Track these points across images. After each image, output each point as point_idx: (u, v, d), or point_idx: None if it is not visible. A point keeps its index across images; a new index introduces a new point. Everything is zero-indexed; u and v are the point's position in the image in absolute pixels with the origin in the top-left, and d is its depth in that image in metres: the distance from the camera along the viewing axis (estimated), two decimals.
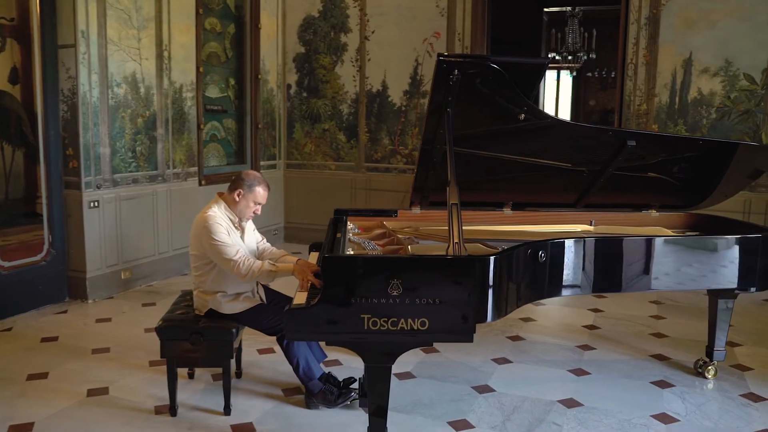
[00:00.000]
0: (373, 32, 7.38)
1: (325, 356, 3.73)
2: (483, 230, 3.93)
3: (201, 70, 6.33)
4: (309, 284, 3.09)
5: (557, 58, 9.15)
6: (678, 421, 3.43)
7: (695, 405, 3.62)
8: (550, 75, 14.01)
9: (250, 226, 3.57)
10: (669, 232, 4.03)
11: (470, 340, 2.76)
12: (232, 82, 7.08)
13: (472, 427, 3.32)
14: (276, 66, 7.63)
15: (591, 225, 4.11)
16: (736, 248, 3.49)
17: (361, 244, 3.43)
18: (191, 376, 3.84)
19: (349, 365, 4.06)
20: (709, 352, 4.01)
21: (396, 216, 4.13)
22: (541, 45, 10.87)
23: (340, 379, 3.59)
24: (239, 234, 3.43)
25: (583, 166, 3.85)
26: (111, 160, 5.40)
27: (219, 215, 3.33)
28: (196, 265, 3.41)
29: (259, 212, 3.47)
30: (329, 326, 2.70)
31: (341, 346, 2.81)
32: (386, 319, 2.69)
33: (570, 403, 3.61)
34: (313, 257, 3.94)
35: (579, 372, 4.06)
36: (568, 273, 3.15)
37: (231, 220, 3.40)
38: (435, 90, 2.97)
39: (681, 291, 5.22)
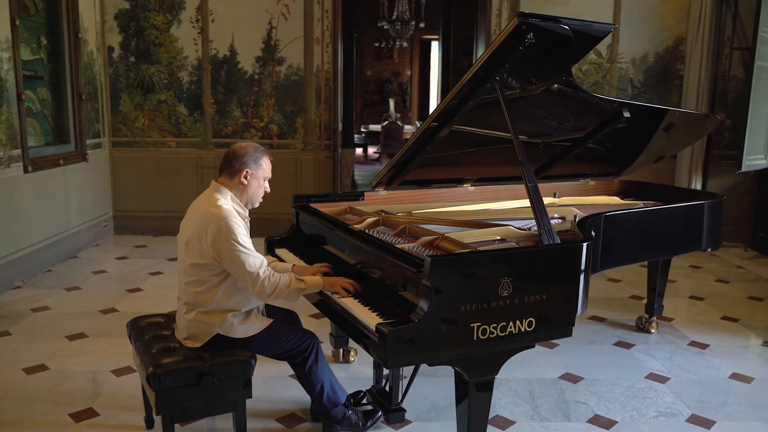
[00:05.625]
0: None
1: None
2: (456, 211, 3.66)
3: (17, 22, 4.88)
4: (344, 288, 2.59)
5: (386, 27, 9.02)
6: (669, 378, 3.60)
7: (667, 360, 3.85)
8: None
9: None
10: (618, 199, 4.19)
11: (570, 334, 2.52)
12: (44, 41, 5.61)
13: (513, 422, 3.09)
14: (95, 24, 6.25)
15: (555, 197, 4.08)
16: (703, 213, 3.73)
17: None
18: (150, 424, 2.95)
19: None
20: (650, 309, 4.29)
21: (363, 199, 3.64)
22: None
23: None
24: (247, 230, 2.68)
25: (555, 138, 3.77)
26: None
27: (231, 210, 2.55)
28: (196, 278, 2.57)
29: (268, 189, 2.74)
30: (437, 343, 2.23)
31: (445, 364, 2.35)
32: (495, 325, 2.31)
33: (572, 378, 3.57)
34: (286, 255, 3.31)
35: (548, 345, 4.05)
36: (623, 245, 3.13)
37: (240, 214, 2.62)
38: (496, 54, 2.58)
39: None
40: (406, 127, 14.22)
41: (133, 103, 6.59)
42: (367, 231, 3.06)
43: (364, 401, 3.13)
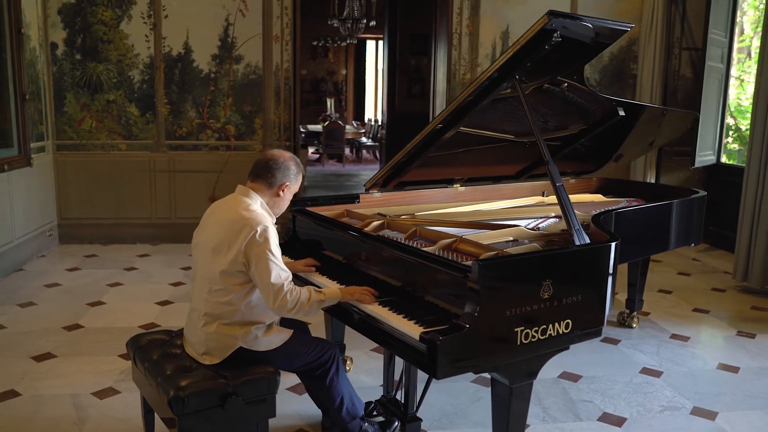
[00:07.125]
0: None
1: None
2: (459, 213, 3.59)
3: None
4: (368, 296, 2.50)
5: (335, 24, 8.88)
6: (663, 372, 3.68)
7: (655, 354, 3.93)
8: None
9: None
10: (602, 197, 4.25)
11: (601, 334, 2.52)
12: None
13: (527, 425, 3.05)
14: (36, 18, 5.82)
15: (543, 196, 4.09)
16: (694, 208, 3.83)
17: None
18: None
19: None
20: (631, 304, 4.38)
21: (359, 202, 3.52)
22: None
23: None
24: None
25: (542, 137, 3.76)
26: None
27: (266, 215, 2.43)
28: (223, 287, 2.39)
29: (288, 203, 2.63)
30: (484, 350, 2.16)
31: (489, 372, 2.28)
32: (537, 329, 2.26)
33: (571, 377, 3.58)
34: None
35: None
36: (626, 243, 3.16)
37: (270, 221, 2.48)
38: (520, 52, 2.54)
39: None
40: (347, 127, 14.13)
41: (79, 103, 6.17)
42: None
43: (375, 413, 3.01)
